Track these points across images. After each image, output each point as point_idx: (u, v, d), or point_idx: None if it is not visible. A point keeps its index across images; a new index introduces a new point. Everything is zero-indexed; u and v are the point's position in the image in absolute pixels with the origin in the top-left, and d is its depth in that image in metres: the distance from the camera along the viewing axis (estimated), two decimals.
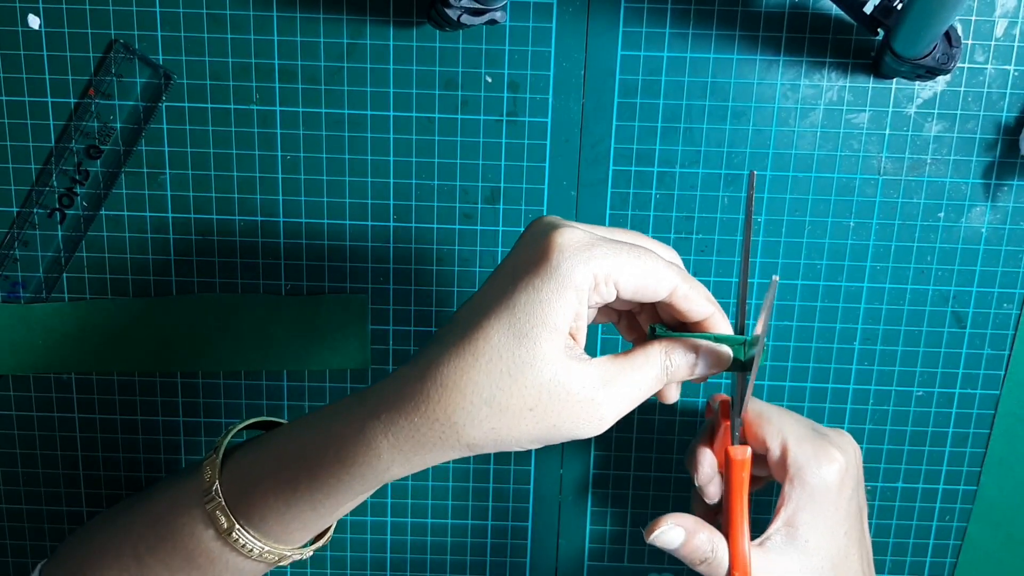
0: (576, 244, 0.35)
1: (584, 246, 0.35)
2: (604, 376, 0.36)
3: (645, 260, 0.36)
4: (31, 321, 0.53)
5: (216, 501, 0.40)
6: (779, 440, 0.45)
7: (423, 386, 0.35)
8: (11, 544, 0.58)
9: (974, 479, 0.56)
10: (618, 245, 0.36)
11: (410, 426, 0.36)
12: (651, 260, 0.36)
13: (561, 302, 0.35)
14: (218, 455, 0.41)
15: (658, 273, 0.36)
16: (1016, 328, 0.53)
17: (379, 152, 0.51)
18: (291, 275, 0.53)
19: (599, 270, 0.35)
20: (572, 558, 0.58)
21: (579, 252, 0.35)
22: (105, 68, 0.50)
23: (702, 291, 0.38)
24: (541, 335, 0.35)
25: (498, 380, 0.35)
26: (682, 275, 0.38)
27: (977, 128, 0.50)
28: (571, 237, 0.35)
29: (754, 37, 0.50)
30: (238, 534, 0.40)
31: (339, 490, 0.38)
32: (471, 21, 0.47)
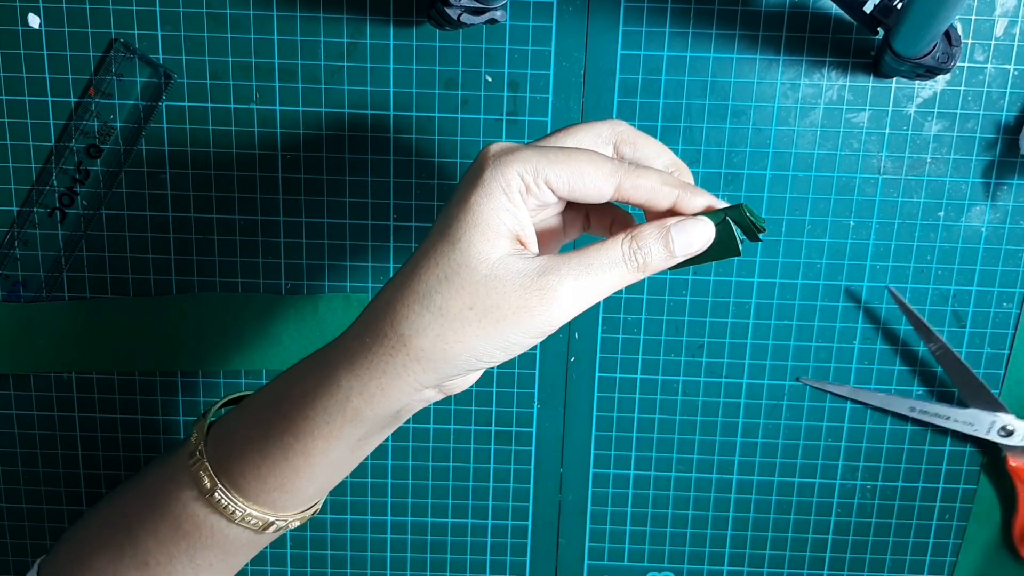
0: (502, 150, 0.36)
1: (509, 150, 0.36)
2: (546, 265, 0.35)
3: (574, 157, 0.36)
4: (31, 321, 0.53)
5: (200, 461, 0.39)
6: None
7: (372, 307, 0.37)
8: (11, 544, 0.58)
9: (974, 479, 0.56)
10: (548, 148, 0.36)
11: (362, 347, 0.36)
12: (582, 158, 0.36)
13: (490, 204, 0.35)
14: (205, 419, 0.41)
15: (589, 168, 0.36)
16: (1016, 328, 0.53)
17: (379, 151, 0.51)
18: (291, 274, 0.53)
19: (524, 170, 0.35)
20: (572, 558, 0.58)
21: (503, 155, 0.36)
22: (105, 67, 0.50)
23: (654, 177, 0.37)
24: (473, 236, 0.35)
25: (436, 285, 0.35)
26: (624, 168, 0.36)
27: (977, 127, 0.51)
28: (499, 146, 0.36)
29: (754, 36, 0.50)
30: (220, 494, 0.39)
31: (306, 430, 0.38)
32: (471, 20, 0.47)
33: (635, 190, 0.36)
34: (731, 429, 0.55)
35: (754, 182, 0.52)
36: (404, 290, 0.36)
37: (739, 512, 0.57)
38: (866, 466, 0.56)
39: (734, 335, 0.54)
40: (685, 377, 0.54)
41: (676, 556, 0.58)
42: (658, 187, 0.37)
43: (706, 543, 0.57)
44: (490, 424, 0.55)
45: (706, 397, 0.55)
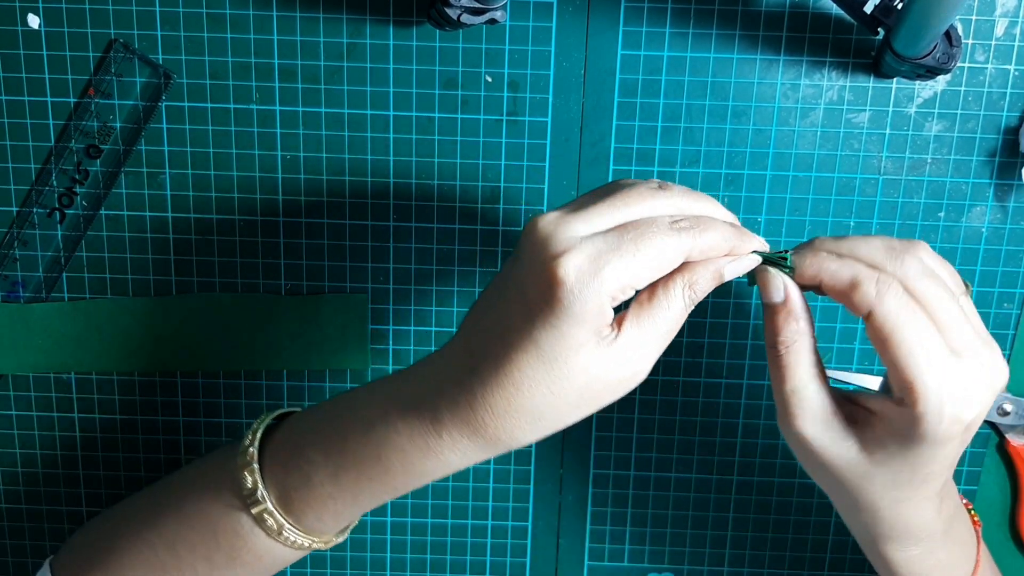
0: (582, 275, 0.35)
1: (589, 274, 0.35)
2: (633, 346, 0.37)
3: (653, 253, 0.36)
4: (31, 321, 0.53)
5: (263, 506, 0.41)
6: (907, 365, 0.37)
7: (477, 416, 0.37)
8: (11, 544, 0.58)
9: (974, 479, 0.56)
10: (622, 252, 0.35)
11: (474, 445, 0.38)
12: (659, 247, 0.36)
13: (581, 330, 0.35)
14: (253, 459, 0.41)
15: (668, 256, 0.36)
16: (1016, 328, 0.53)
17: (379, 152, 0.51)
18: (291, 275, 0.53)
19: (613, 291, 0.35)
20: (572, 558, 0.58)
21: (588, 284, 0.35)
22: (105, 67, 0.50)
23: (716, 235, 0.37)
24: (570, 357, 0.36)
25: (542, 400, 0.36)
26: (690, 236, 0.36)
27: (977, 128, 0.50)
28: (575, 267, 0.35)
29: (754, 37, 0.50)
30: (288, 532, 0.41)
31: (404, 489, 0.40)
32: (471, 21, 0.47)
33: (700, 254, 0.37)
34: (731, 430, 0.55)
35: (754, 183, 0.51)
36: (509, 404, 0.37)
37: (739, 513, 0.57)
38: None
39: (734, 336, 0.54)
40: (685, 378, 0.54)
41: (676, 557, 0.58)
42: (721, 245, 0.37)
43: (706, 544, 0.57)
44: None
45: (706, 398, 0.55)
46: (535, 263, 0.36)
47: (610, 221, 0.36)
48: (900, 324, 0.36)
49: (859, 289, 0.37)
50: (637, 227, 0.36)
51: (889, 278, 0.37)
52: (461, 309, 0.54)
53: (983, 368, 0.37)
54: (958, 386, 0.37)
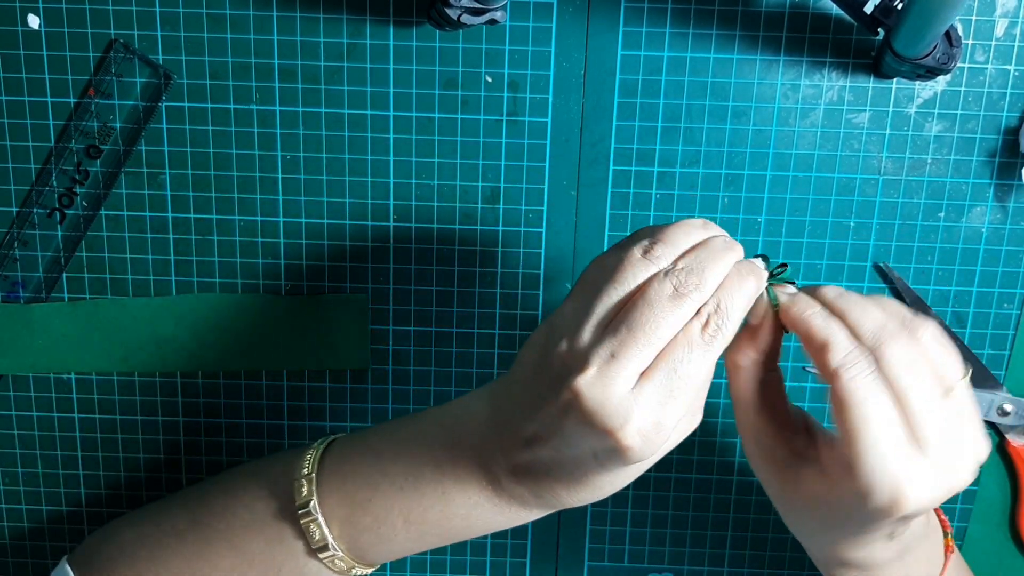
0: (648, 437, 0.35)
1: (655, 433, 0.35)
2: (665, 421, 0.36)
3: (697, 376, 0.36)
4: (31, 321, 0.53)
5: (334, 553, 0.42)
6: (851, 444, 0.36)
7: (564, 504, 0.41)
8: (11, 544, 0.58)
9: (974, 479, 0.55)
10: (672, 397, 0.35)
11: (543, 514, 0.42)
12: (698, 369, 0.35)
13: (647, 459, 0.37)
14: (317, 512, 0.42)
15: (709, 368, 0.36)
16: (1016, 328, 0.53)
17: (379, 152, 0.51)
18: (291, 275, 0.53)
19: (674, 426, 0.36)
20: (572, 558, 0.58)
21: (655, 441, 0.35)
22: (105, 68, 0.50)
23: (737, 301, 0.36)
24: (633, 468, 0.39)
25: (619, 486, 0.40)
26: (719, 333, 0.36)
27: (977, 128, 0.50)
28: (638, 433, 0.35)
29: (754, 37, 0.50)
30: (358, 569, 0.44)
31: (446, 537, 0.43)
32: (471, 21, 0.47)
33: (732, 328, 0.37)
34: (731, 430, 0.55)
35: (754, 183, 0.51)
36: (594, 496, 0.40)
37: (739, 513, 0.57)
38: None
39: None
40: None
41: (676, 557, 0.58)
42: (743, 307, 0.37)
43: (706, 544, 0.57)
44: None
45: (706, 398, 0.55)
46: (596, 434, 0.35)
47: (648, 358, 0.35)
48: (855, 403, 0.36)
49: (826, 355, 0.36)
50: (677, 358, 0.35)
51: (860, 354, 0.36)
52: (461, 309, 0.54)
53: (941, 470, 0.36)
54: (903, 479, 0.35)
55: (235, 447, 0.56)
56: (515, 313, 0.54)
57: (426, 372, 0.55)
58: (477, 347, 0.54)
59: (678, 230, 0.37)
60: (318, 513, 0.42)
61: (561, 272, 0.53)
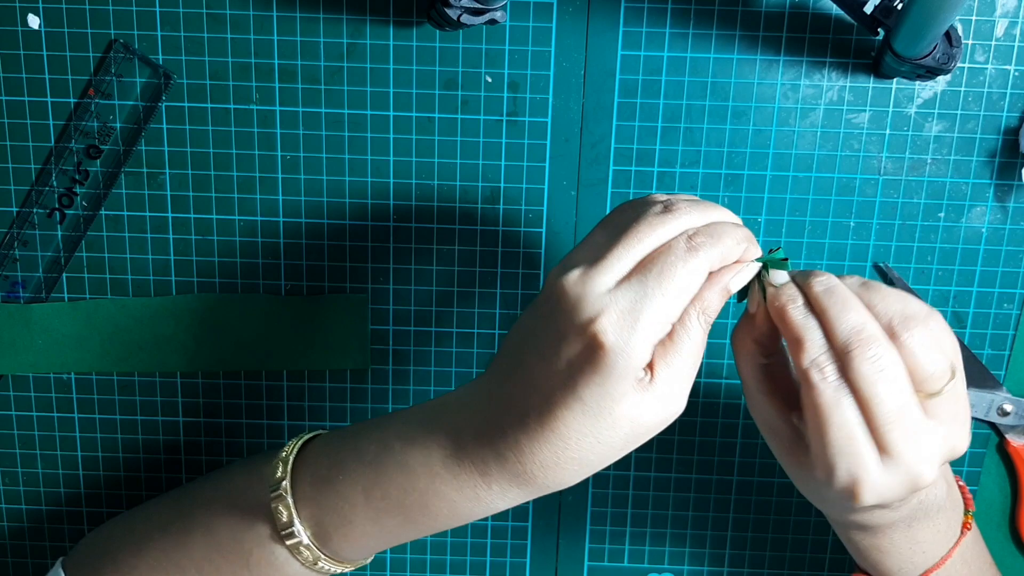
0: (622, 332, 0.35)
1: (628, 329, 0.35)
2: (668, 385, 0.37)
3: (680, 283, 0.36)
4: (31, 321, 0.53)
5: (299, 540, 0.42)
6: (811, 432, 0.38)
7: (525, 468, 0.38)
8: (11, 544, 0.58)
9: (974, 479, 0.56)
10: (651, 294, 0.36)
11: (522, 492, 0.39)
12: (683, 275, 0.36)
13: (625, 381, 0.36)
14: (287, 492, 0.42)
15: (694, 281, 0.36)
16: (1016, 328, 0.53)
17: (379, 152, 0.51)
18: (291, 275, 0.53)
19: (651, 337, 0.36)
20: (572, 558, 0.58)
21: (628, 340, 0.35)
22: (105, 68, 0.50)
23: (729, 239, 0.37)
24: (614, 408, 0.36)
25: (589, 450, 0.37)
26: (707, 248, 0.37)
27: (977, 128, 0.50)
28: (613, 323, 0.35)
29: (754, 37, 0.50)
30: (324, 563, 0.42)
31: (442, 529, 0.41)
32: (471, 21, 0.47)
33: (720, 263, 0.37)
34: (731, 430, 0.55)
35: (754, 183, 0.51)
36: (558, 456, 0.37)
37: (739, 513, 0.57)
38: None
39: None
40: None
41: (676, 557, 0.58)
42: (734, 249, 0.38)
43: (706, 544, 0.57)
44: None
45: (706, 398, 0.55)
46: (571, 328, 0.36)
47: (630, 263, 0.37)
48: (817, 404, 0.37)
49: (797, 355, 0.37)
50: (656, 263, 0.36)
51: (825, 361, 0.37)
52: (461, 309, 0.54)
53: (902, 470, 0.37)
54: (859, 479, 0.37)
55: (235, 447, 0.56)
56: (515, 313, 0.54)
57: (426, 372, 0.55)
58: (477, 347, 0.54)
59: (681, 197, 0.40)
60: (288, 494, 0.42)
61: None
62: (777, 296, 0.38)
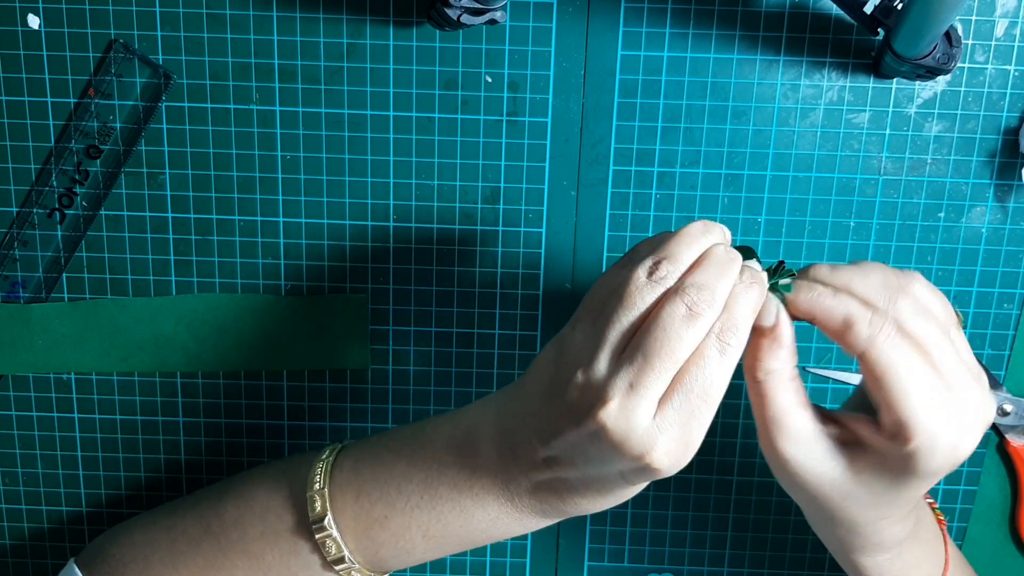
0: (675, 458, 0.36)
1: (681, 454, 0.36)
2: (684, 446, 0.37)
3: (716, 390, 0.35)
4: (31, 321, 0.53)
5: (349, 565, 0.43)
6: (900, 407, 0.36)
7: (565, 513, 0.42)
8: (11, 544, 0.58)
9: (974, 479, 0.56)
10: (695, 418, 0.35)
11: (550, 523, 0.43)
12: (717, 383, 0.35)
13: None
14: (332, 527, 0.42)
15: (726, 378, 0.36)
16: (1016, 328, 0.53)
17: (379, 152, 0.51)
18: (291, 275, 0.53)
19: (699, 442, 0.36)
20: (572, 558, 0.58)
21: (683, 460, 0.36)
22: (105, 68, 0.50)
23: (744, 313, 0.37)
24: None
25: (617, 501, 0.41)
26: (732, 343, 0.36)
27: (977, 128, 0.50)
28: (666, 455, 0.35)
29: (754, 37, 0.50)
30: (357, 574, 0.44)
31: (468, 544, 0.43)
32: (471, 21, 0.47)
33: None
34: (731, 430, 0.55)
35: (754, 183, 0.51)
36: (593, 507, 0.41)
37: (739, 513, 0.57)
38: None
39: None
40: None
41: (676, 557, 0.58)
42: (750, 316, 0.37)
43: (706, 544, 0.57)
44: None
45: None
46: (625, 462, 0.36)
47: (666, 382, 0.35)
48: (893, 366, 0.36)
49: (852, 330, 0.37)
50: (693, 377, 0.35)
51: (881, 319, 0.36)
52: (461, 309, 0.54)
53: (974, 404, 0.37)
54: (951, 425, 0.36)
55: (235, 447, 0.56)
56: (515, 313, 0.54)
57: (426, 372, 0.55)
58: (477, 347, 0.54)
59: (680, 243, 0.37)
60: (333, 528, 0.42)
61: (561, 272, 0.53)
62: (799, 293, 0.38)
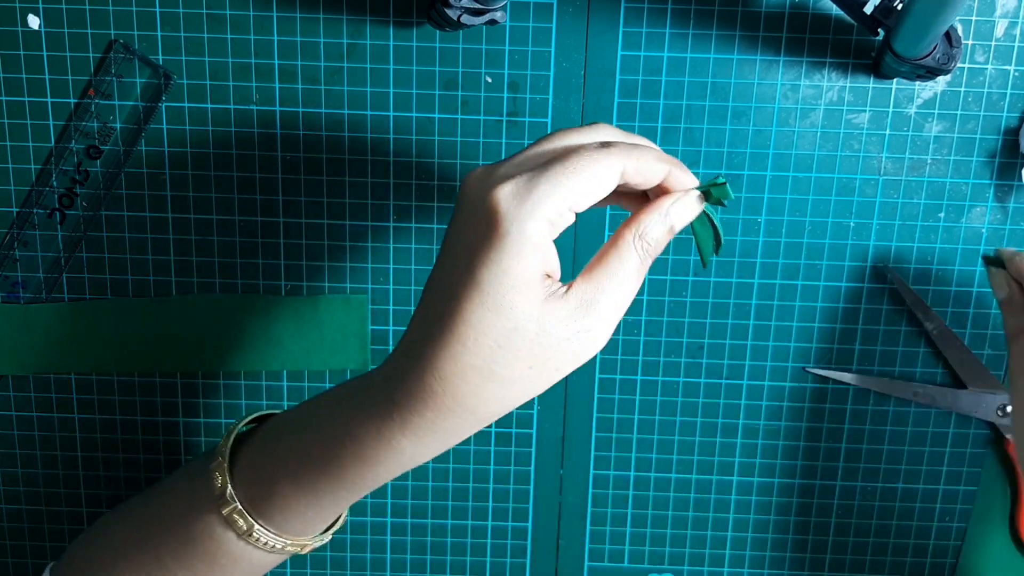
0: (515, 199, 0.34)
1: (522, 198, 0.34)
2: (584, 302, 0.35)
3: (584, 170, 0.34)
4: (31, 321, 0.53)
5: (232, 505, 0.40)
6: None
7: (424, 383, 0.35)
8: (11, 544, 0.58)
9: (975, 479, 0.56)
10: (552, 172, 0.34)
11: (424, 421, 0.36)
12: (589, 163, 0.35)
13: (524, 263, 0.34)
14: (224, 458, 0.41)
15: (601, 173, 0.35)
16: None
17: (379, 152, 0.51)
18: (291, 275, 0.53)
19: (549, 213, 0.34)
20: (572, 560, 0.58)
21: (522, 208, 0.34)
22: (105, 68, 0.50)
23: (649, 154, 0.36)
24: (516, 300, 0.34)
25: (492, 356, 0.35)
26: (621, 152, 0.35)
27: (977, 128, 0.50)
28: (507, 193, 0.34)
29: (754, 37, 0.50)
30: (258, 533, 0.40)
31: (361, 485, 0.39)
32: (471, 21, 0.47)
33: (637, 174, 0.36)
34: (731, 430, 0.55)
35: (754, 183, 0.51)
36: (457, 363, 0.35)
37: (739, 514, 0.57)
38: (867, 467, 0.56)
39: (734, 336, 0.54)
40: (685, 379, 0.54)
41: (676, 558, 0.58)
42: (654, 164, 0.36)
43: (706, 545, 0.57)
44: (490, 426, 0.55)
45: (706, 399, 0.55)
46: (471, 206, 0.35)
47: (539, 160, 0.36)
48: None
49: None
50: (565, 151, 0.35)
51: None
52: None
53: None
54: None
55: None
56: None
57: None
58: None
59: None
60: (224, 458, 0.41)
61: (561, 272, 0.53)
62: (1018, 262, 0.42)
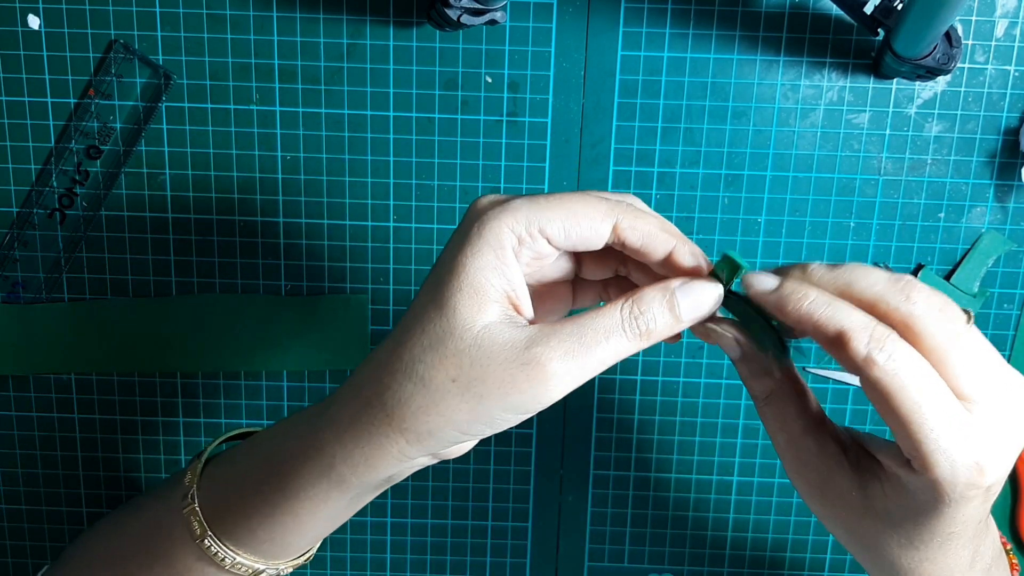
0: (490, 203, 0.33)
1: (498, 202, 0.33)
2: (535, 336, 0.32)
3: (566, 200, 0.33)
4: (31, 321, 0.53)
5: (191, 506, 0.39)
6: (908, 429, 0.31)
7: (361, 371, 0.34)
8: (11, 544, 0.58)
9: None
10: (541, 196, 0.33)
11: (348, 414, 0.34)
12: (578, 200, 0.33)
13: (478, 263, 0.32)
14: (200, 460, 0.41)
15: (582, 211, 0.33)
16: (1016, 328, 0.53)
17: (379, 152, 0.51)
18: (291, 275, 0.53)
19: (516, 221, 0.32)
20: (572, 559, 0.58)
21: (492, 209, 0.33)
22: (105, 68, 0.50)
23: (653, 221, 0.34)
24: (460, 301, 0.32)
25: (421, 354, 0.33)
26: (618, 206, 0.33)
27: (977, 128, 0.50)
28: (488, 199, 0.34)
29: (754, 37, 0.50)
30: (210, 541, 0.39)
31: (293, 493, 0.37)
32: (471, 21, 0.47)
33: (632, 231, 0.33)
34: (731, 431, 0.55)
35: (754, 183, 0.52)
36: (391, 356, 0.33)
37: (739, 514, 0.57)
38: None
39: None
40: (685, 379, 0.54)
41: (676, 557, 0.58)
42: (656, 232, 0.34)
43: (706, 545, 0.57)
44: None
45: (706, 399, 0.55)
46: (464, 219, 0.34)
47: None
48: (896, 385, 0.31)
49: (848, 346, 0.31)
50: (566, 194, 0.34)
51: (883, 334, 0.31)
52: None
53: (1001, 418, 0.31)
54: (973, 444, 0.31)
55: None
56: None
57: None
58: None
59: None
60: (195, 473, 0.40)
61: None
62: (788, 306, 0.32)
